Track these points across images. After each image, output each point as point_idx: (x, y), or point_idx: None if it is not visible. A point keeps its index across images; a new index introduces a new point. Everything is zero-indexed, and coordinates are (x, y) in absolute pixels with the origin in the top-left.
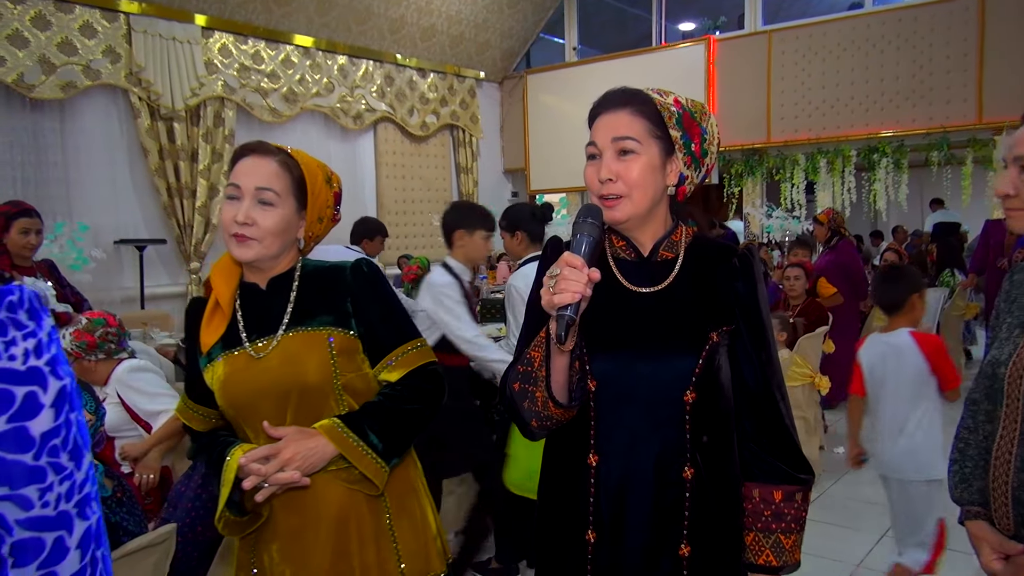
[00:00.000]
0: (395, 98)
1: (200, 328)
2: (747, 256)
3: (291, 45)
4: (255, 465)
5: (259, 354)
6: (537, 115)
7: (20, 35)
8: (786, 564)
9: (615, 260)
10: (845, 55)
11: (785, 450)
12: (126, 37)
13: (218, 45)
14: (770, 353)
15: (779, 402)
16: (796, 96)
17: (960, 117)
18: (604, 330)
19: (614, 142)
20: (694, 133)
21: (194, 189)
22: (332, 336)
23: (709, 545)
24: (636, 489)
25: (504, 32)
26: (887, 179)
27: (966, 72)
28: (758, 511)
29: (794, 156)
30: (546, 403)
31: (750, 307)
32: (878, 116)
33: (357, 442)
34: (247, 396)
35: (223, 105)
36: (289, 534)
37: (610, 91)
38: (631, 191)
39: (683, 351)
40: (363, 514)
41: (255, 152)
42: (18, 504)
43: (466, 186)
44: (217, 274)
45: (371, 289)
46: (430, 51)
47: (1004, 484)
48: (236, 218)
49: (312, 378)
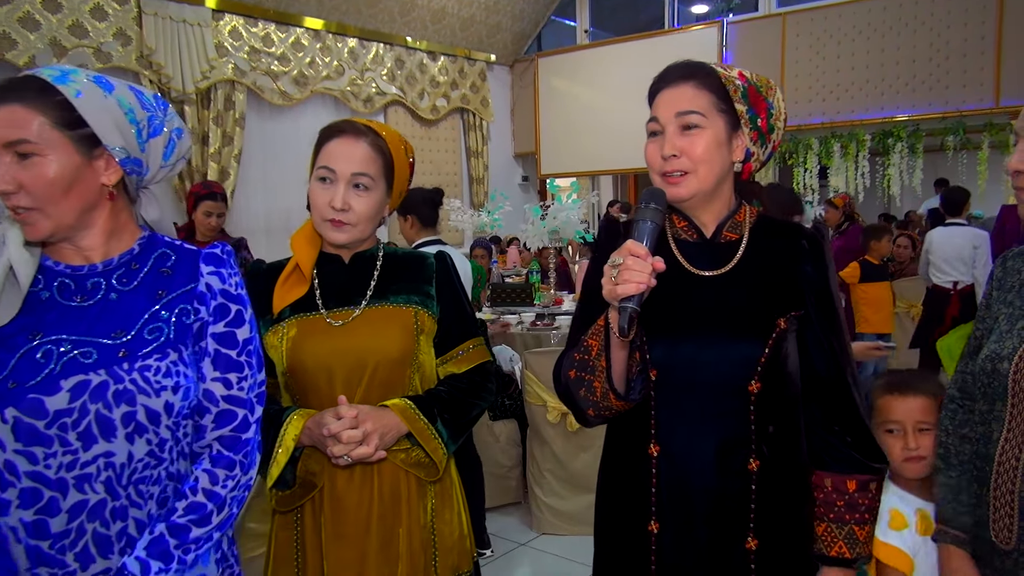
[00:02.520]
0: (405, 81)
1: (268, 291)
2: (816, 236)
3: (301, 28)
4: (348, 432)
5: (338, 321)
6: (548, 99)
7: (31, 17)
8: (860, 556)
9: (676, 241)
10: (860, 38)
11: (859, 438)
12: (136, 20)
13: (228, 28)
14: (843, 339)
15: (852, 388)
16: (810, 80)
17: (977, 101)
18: (665, 316)
19: (678, 117)
20: (760, 107)
21: (205, 172)
22: (417, 313)
23: (777, 538)
24: (699, 480)
25: (515, 15)
26: (901, 164)
27: (983, 55)
28: (831, 501)
29: (807, 140)
30: (606, 394)
31: (821, 291)
32: (893, 100)
33: (427, 425)
34: (324, 357)
35: (233, 88)
36: (344, 510)
37: (672, 64)
38: (696, 167)
39: (748, 338)
40: (413, 499)
41: (346, 133)
42: (224, 384)
43: (476, 170)
44: (300, 241)
45: (451, 280)
46: (440, 34)
47: (1010, 493)
48: (333, 204)
49: (395, 349)
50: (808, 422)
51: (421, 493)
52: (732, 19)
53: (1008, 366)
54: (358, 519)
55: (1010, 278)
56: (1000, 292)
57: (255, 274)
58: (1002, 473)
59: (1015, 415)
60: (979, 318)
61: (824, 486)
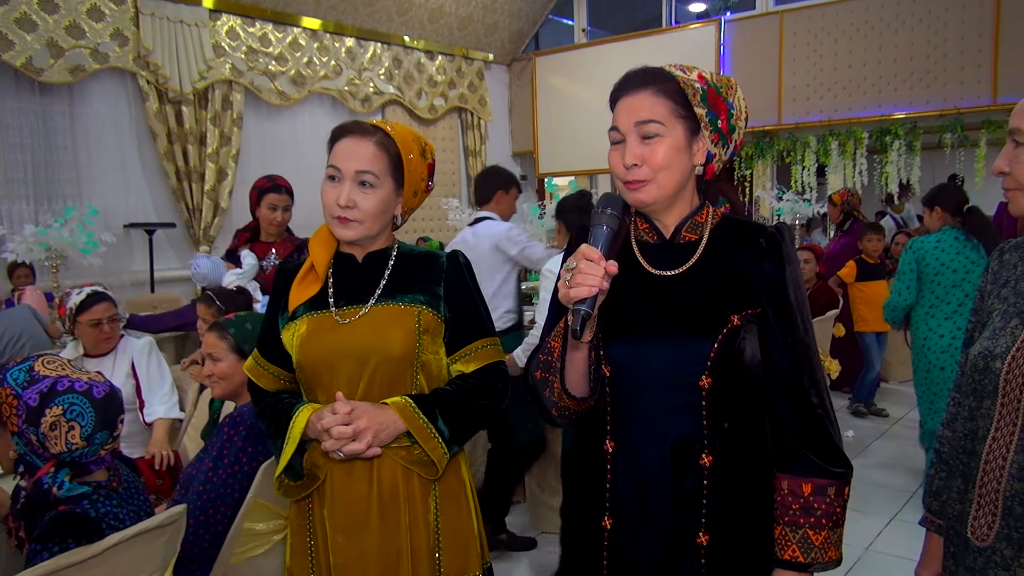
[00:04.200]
0: (403, 81)
1: (289, 289)
2: (776, 235)
3: (298, 27)
4: (338, 428)
5: (345, 319)
6: (546, 98)
7: (28, 18)
8: (816, 561)
9: (638, 243)
10: (858, 36)
11: (816, 440)
12: (134, 20)
13: (225, 28)
14: (798, 337)
15: (808, 389)
16: (808, 78)
17: (974, 99)
18: (622, 315)
19: (637, 126)
20: (720, 109)
21: (203, 173)
22: (421, 313)
23: (730, 535)
24: (654, 476)
25: (513, 13)
26: (899, 161)
27: (980, 53)
28: (786, 504)
29: (805, 138)
30: (561, 395)
31: (777, 288)
32: (891, 98)
33: (426, 423)
34: (327, 354)
35: (231, 88)
36: (344, 504)
37: (630, 71)
38: (656, 174)
39: (699, 334)
40: (415, 497)
41: (353, 134)
42: None
43: (474, 169)
44: (316, 241)
45: (463, 279)
46: (438, 33)
47: (994, 492)
48: (338, 201)
49: (396, 349)
50: (773, 423)
51: (424, 491)
52: (730, 17)
53: (1000, 365)
54: (357, 513)
55: (1005, 272)
56: (994, 286)
57: (281, 274)
58: (988, 472)
59: (1004, 415)
60: (973, 310)
61: (781, 488)
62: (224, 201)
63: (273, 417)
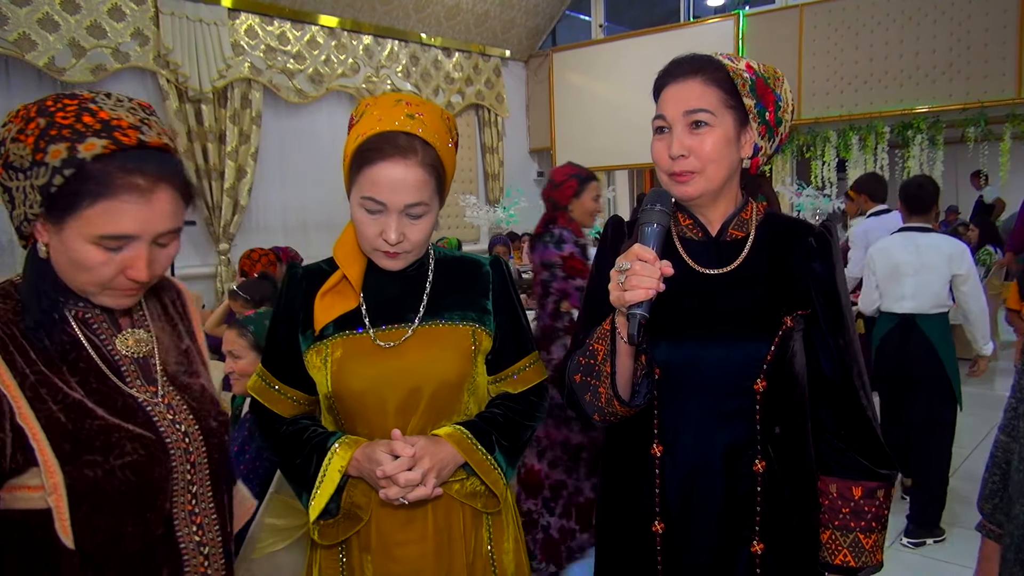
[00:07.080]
0: (420, 78)
1: (308, 302)
2: (825, 234)
3: (316, 25)
4: (405, 475)
5: (387, 343)
6: (563, 94)
7: (50, 19)
8: (866, 565)
9: (681, 240)
10: (879, 29)
11: (866, 443)
12: (154, 19)
13: (244, 26)
14: (849, 339)
15: (859, 391)
16: (828, 72)
17: (998, 92)
18: (669, 315)
19: (686, 115)
20: (768, 100)
21: (222, 171)
22: (475, 332)
23: (784, 542)
24: (704, 481)
25: (529, 10)
26: (921, 156)
27: (1005, 45)
28: (835, 508)
29: (825, 133)
30: (611, 400)
31: (828, 289)
32: (913, 92)
33: (486, 456)
34: (374, 383)
35: (250, 87)
36: (394, 549)
37: (678, 58)
38: (705, 166)
39: (754, 337)
40: (468, 531)
41: (391, 157)
42: None
43: (492, 166)
44: (344, 251)
45: (509, 291)
46: (455, 30)
47: None
48: (386, 237)
49: (452, 375)
50: (815, 425)
51: (476, 524)
52: (749, 11)
53: None
54: (409, 558)
55: None
56: None
57: (293, 281)
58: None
59: None
60: None
61: (829, 492)
62: (243, 199)
63: (298, 450)
